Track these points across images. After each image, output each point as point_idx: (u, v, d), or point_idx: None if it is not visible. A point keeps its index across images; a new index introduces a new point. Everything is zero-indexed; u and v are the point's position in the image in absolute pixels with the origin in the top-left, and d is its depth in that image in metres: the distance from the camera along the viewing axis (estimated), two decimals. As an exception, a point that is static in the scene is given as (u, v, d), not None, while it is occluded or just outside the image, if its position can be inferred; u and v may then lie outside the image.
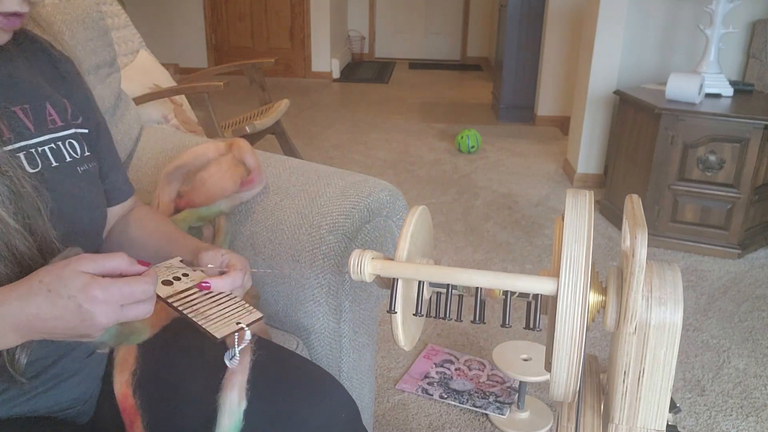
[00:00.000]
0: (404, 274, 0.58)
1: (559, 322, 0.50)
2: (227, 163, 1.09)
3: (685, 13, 2.94)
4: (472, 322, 0.61)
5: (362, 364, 1.15)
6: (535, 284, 0.54)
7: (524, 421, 1.58)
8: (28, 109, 0.76)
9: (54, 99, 0.80)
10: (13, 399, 0.74)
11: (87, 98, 0.87)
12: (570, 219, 0.53)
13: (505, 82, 4.46)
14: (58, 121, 0.79)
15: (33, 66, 0.81)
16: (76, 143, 0.81)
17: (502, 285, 0.55)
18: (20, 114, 0.75)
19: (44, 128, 0.77)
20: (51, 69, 0.83)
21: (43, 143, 0.76)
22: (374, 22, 7.38)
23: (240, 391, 0.75)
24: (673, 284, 0.51)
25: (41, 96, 0.78)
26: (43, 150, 0.76)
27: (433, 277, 0.57)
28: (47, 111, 0.78)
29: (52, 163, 0.76)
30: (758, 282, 2.29)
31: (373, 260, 0.60)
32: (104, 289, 0.59)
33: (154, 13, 6.07)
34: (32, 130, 0.75)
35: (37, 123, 0.76)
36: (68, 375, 0.79)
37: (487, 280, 0.55)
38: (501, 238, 2.62)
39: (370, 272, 0.60)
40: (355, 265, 0.60)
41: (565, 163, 3.47)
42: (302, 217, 1.07)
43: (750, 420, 1.60)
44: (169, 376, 0.78)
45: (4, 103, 0.73)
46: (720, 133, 2.34)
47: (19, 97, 0.76)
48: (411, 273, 0.58)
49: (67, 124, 0.80)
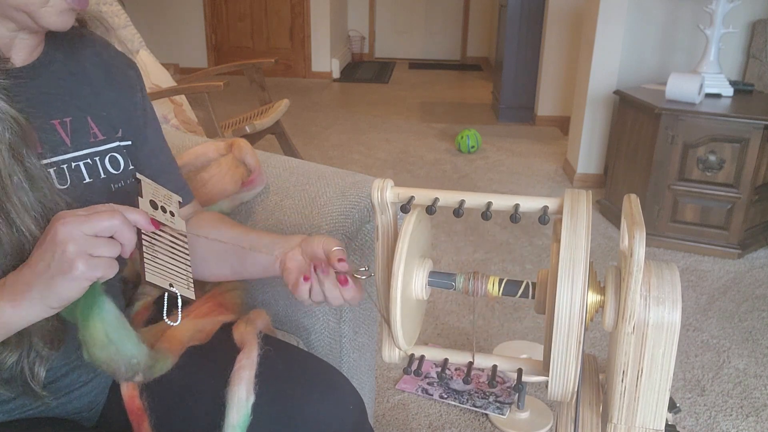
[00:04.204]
0: (420, 193, 0.64)
1: (557, 321, 0.50)
2: (228, 163, 1.09)
3: (685, 13, 2.94)
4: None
5: (362, 364, 1.15)
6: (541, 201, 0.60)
7: (524, 421, 1.58)
8: (68, 123, 0.75)
9: (97, 111, 0.78)
10: (24, 405, 0.75)
11: (135, 105, 0.85)
12: (568, 218, 0.54)
13: (505, 82, 4.46)
14: (100, 134, 0.78)
15: (82, 74, 0.78)
16: (119, 157, 0.79)
17: (510, 202, 0.61)
18: (58, 127, 0.74)
19: (83, 142, 0.76)
20: (102, 76, 0.81)
21: (79, 158, 0.75)
22: (374, 22, 7.38)
23: (248, 386, 0.76)
24: (672, 284, 0.51)
25: (84, 109, 0.77)
26: (77, 165, 0.74)
27: (446, 195, 0.63)
28: (89, 125, 0.77)
29: (85, 179, 0.75)
30: (758, 282, 2.29)
31: (393, 187, 0.66)
32: (65, 211, 0.59)
33: (154, 13, 6.07)
34: (68, 145, 0.74)
35: (76, 137, 0.75)
36: (79, 385, 0.79)
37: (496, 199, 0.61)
38: (501, 238, 2.62)
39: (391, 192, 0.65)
40: (377, 187, 0.65)
41: (565, 163, 3.47)
42: (302, 217, 1.07)
43: (750, 420, 1.60)
44: (176, 376, 0.78)
45: (44, 116, 0.72)
46: (720, 133, 2.34)
47: (60, 110, 0.74)
48: (426, 193, 0.64)
49: (109, 137, 0.79)
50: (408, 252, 0.62)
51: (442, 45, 7.48)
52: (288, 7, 6.06)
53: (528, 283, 0.63)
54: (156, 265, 0.63)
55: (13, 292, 0.59)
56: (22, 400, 0.74)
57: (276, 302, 1.08)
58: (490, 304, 2.11)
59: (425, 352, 0.69)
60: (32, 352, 0.67)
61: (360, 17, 7.29)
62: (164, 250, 0.66)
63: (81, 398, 0.80)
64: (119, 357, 0.66)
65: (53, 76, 0.75)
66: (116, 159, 0.79)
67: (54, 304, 0.59)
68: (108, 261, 0.59)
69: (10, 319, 0.59)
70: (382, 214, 0.66)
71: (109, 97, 0.81)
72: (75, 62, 0.78)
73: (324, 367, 0.86)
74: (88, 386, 0.80)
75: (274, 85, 5.44)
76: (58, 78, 0.75)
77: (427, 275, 0.66)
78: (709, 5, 2.54)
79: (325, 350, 1.08)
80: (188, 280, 0.67)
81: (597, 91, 3.02)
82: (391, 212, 0.66)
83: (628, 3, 2.87)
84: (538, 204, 0.60)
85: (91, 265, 0.58)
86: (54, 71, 0.75)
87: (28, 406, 0.75)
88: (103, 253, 0.58)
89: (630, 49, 2.98)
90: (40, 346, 0.68)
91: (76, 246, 0.57)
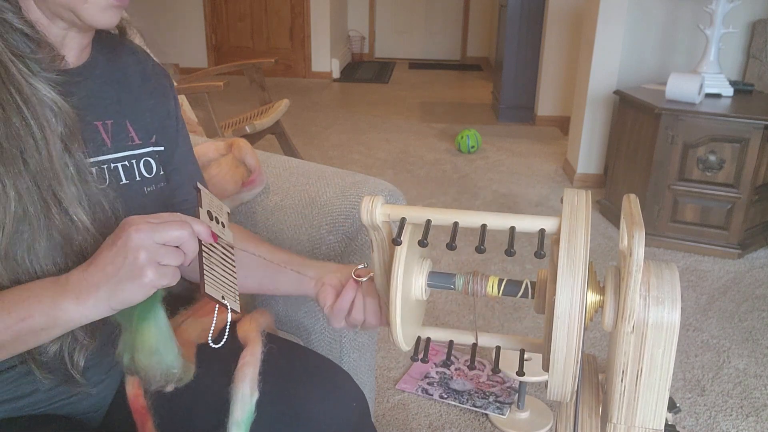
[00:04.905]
0: (412, 213, 0.61)
1: (557, 320, 0.50)
2: (228, 163, 1.09)
3: (685, 13, 2.94)
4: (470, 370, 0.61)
5: (362, 364, 1.15)
6: (538, 222, 0.57)
7: (524, 421, 1.58)
8: (110, 125, 0.77)
9: (135, 117, 0.81)
10: (36, 403, 0.76)
11: (169, 112, 0.87)
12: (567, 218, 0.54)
13: (505, 82, 4.46)
14: (136, 138, 0.80)
15: (124, 80, 0.81)
16: (152, 162, 0.82)
17: (506, 223, 0.58)
18: (101, 129, 0.76)
19: (122, 145, 0.78)
20: (141, 83, 0.84)
21: (118, 160, 0.77)
22: (374, 22, 7.38)
23: (252, 383, 0.76)
24: (671, 283, 0.51)
25: (124, 113, 0.79)
26: (116, 167, 0.77)
27: (439, 216, 0.60)
28: (127, 128, 0.79)
29: (122, 180, 0.77)
30: (758, 282, 2.29)
31: (384, 204, 0.63)
32: (136, 216, 0.61)
33: (154, 13, 6.07)
34: (108, 146, 0.77)
35: (116, 139, 0.78)
36: (92, 385, 0.79)
37: (492, 220, 0.58)
38: (501, 238, 2.62)
39: (381, 212, 0.62)
40: (366, 206, 0.62)
41: (565, 163, 3.47)
42: (302, 217, 1.07)
43: (750, 420, 1.60)
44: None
45: (89, 117, 0.74)
46: (720, 133, 2.34)
47: (103, 113, 0.77)
48: (418, 213, 0.61)
49: (144, 142, 0.81)
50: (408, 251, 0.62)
51: (442, 45, 7.48)
52: (288, 7, 6.06)
53: (528, 283, 0.63)
54: (213, 277, 0.64)
55: (79, 291, 0.60)
56: (33, 398, 0.74)
57: (276, 302, 1.08)
58: (490, 304, 2.11)
59: (430, 333, 0.68)
60: (73, 340, 0.69)
61: (360, 17, 7.29)
62: (218, 262, 0.67)
63: (90, 398, 0.80)
64: (160, 366, 0.67)
65: (99, 80, 0.78)
66: (150, 163, 0.81)
67: (117, 306, 0.61)
68: (174, 270, 0.61)
69: (72, 316, 0.60)
70: (375, 231, 0.65)
71: (147, 104, 0.83)
72: (117, 68, 0.81)
73: (327, 364, 0.87)
74: (99, 387, 0.81)
75: (274, 85, 5.44)
76: (103, 82, 0.78)
77: (426, 276, 0.66)
78: (709, 5, 2.54)
79: (325, 350, 1.08)
80: (235, 293, 0.68)
81: (597, 91, 3.02)
82: (384, 231, 0.65)
83: (628, 3, 2.87)
84: (535, 225, 0.58)
85: (160, 273, 0.59)
86: (99, 75, 0.78)
87: (39, 404, 0.76)
88: (170, 262, 0.60)
89: (630, 49, 2.98)
90: (81, 335, 0.69)
91: (147, 254, 0.58)
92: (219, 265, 0.66)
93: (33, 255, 0.65)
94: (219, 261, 0.67)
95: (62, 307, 0.60)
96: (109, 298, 0.60)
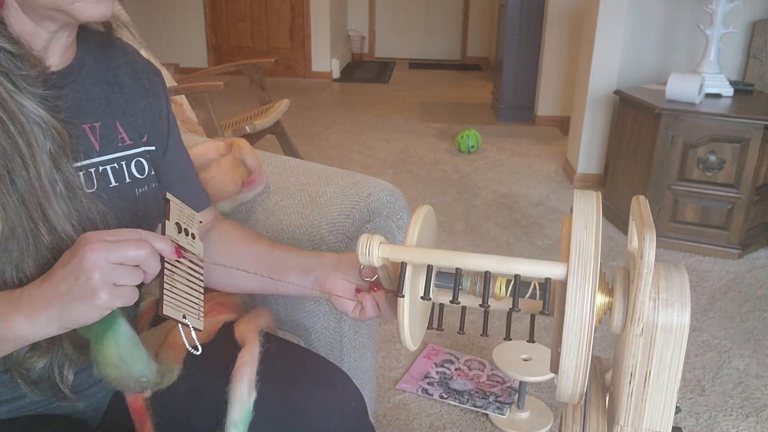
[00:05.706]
0: (413, 257, 0.57)
1: (568, 324, 0.50)
2: (228, 163, 1.08)
3: (685, 13, 2.94)
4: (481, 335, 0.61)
5: (363, 364, 1.14)
6: (545, 269, 0.53)
7: (524, 421, 1.57)
8: (98, 128, 0.75)
9: (125, 117, 0.79)
10: (36, 403, 0.75)
11: (161, 111, 0.86)
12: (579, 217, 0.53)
13: (505, 82, 4.46)
14: (127, 139, 0.79)
15: (113, 79, 0.79)
16: (144, 162, 0.80)
17: (510, 269, 0.54)
18: (88, 132, 0.74)
19: (111, 147, 0.76)
20: (132, 83, 0.82)
21: (106, 162, 0.75)
22: (374, 22, 7.37)
23: (249, 383, 0.76)
24: (680, 286, 0.51)
25: (113, 114, 0.78)
26: (104, 169, 0.75)
27: (441, 261, 0.56)
28: (117, 130, 0.78)
29: (111, 183, 0.76)
30: (759, 282, 2.29)
31: (382, 245, 0.60)
32: (93, 234, 0.59)
33: (154, 13, 6.06)
34: (97, 149, 0.75)
35: (104, 142, 0.76)
36: (87, 386, 0.79)
37: (496, 264, 0.54)
38: (501, 238, 2.61)
39: (378, 256, 0.59)
40: (363, 248, 0.59)
41: (565, 163, 3.47)
42: (302, 217, 1.06)
43: (750, 420, 1.60)
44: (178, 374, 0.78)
45: (76, 120, 0.73)
46: (720, 133, 2.34)
47: (91, 115, 0.75)
48: (419, 257, 0.57)
49: (135, 142, 0.80)
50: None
51: (442, 45, 7.48)
52: (288, 7, 6.05)
53: (536, 284, 0.62)
54: (173, 295, 0.63)
55: (30, 307, 0.59)
56: (30, 398, 0.74)
57: (276, 302, 1.08)
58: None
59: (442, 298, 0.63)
60: (63, 356, 0.68)
61: (360, 17, 7.28)
62: (182, 279, 0.65)
63: (89, 398, 0.80)
64: (130, 376, 0.67)
65: (86, 81, 0.76)
66: (141, 164, 0.80)
67: (68, 326, 0.59)
68: (130, 290, 0.59)
69: (23, 332, 0.59)
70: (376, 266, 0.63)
71: (137, 104, 0.82)
72: (106, 67, 0.79)
73: (325, 364, 0.87)
74: (97, 386, 0.81)
75: (274, 85, 5.44)
76: (90, 83, 0.76)
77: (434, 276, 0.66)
78: (709, 5, 2.54)
79: (325, 350, 1.08)
80: (199, 310, 0.66)
81: (597, 91, 3.02)
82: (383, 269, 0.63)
83: (628, 3, 2.87)
84: (541, 272, 0.53)
85: (114, 295, 0.58)
86: (86, 76, 0.76)
87: (39, 404, 0.75)
88: (127, 282, 0.58)
89: (630, 49, 2.98)
90: (71, 351, 0.68)
91: (101, 274, 0.57)
92: (183, 281, 0.65)
93: (21, 273, 0.64)
94: (184, 277, 0.65)
95: (14, 323, 0.59)
96: (60, 317, 0.58)
